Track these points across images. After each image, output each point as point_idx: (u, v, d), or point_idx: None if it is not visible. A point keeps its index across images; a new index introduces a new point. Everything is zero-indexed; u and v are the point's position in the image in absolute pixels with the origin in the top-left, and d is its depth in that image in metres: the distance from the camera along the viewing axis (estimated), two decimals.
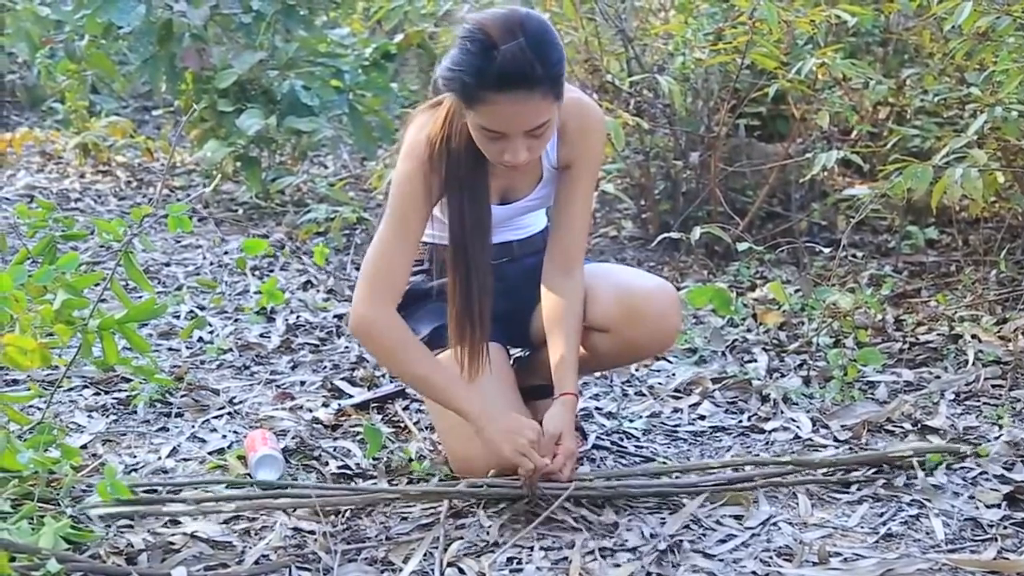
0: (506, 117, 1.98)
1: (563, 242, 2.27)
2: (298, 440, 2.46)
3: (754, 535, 2.02)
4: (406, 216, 2.16)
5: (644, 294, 2.25)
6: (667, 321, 2.26)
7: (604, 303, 2.25)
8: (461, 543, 1.97)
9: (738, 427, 2.61)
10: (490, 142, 2.04)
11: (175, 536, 1.97)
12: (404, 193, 2.16)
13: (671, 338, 2.29)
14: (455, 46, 2.00)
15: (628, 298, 2.24)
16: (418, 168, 2.14)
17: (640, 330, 2.24)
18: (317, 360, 3.08)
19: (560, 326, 2.22)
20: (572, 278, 2.25)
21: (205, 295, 3.61)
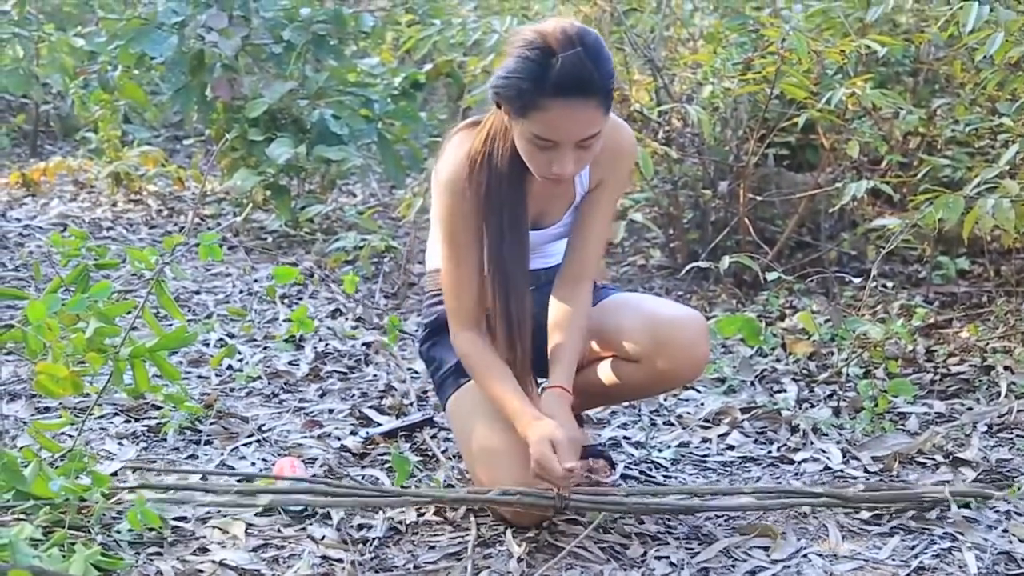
0: (561, 125, 2.00)
1: (578, 257, 2.30)
2: (326, 468, 2.47)
3: (784, 567, 2.01)
4: (459, 245, 2.20)
5: (673, 323, 2.26)
6: (697, 350, 2.26)
7: (633, 333, 2.25)
8: (489, 572, 1.97)
9: (767, 457, 2.60)
10: (539, 152, 2.05)
11: (204, 564, 1.98)
12: (453, 230, 2.20)
13: (700, 367, 2.30)
14: (510, 56, 2.04)
15: (657, 328, 2.24)
16: (459, 196, 2.17)
17: (669, 360, 2.24)
18: (345, 388, 3.09)
19: (562, 331, 2.25)
20: (580, 289, 2.29)
21: (235, 323, 3.63)
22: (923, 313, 3.29)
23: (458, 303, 2.22)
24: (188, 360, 3.25)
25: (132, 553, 1.99)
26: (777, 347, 3.37)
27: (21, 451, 2.20)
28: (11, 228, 4.69)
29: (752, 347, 3.34)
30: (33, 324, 1.93)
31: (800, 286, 3.75)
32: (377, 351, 3.41)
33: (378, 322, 3.72)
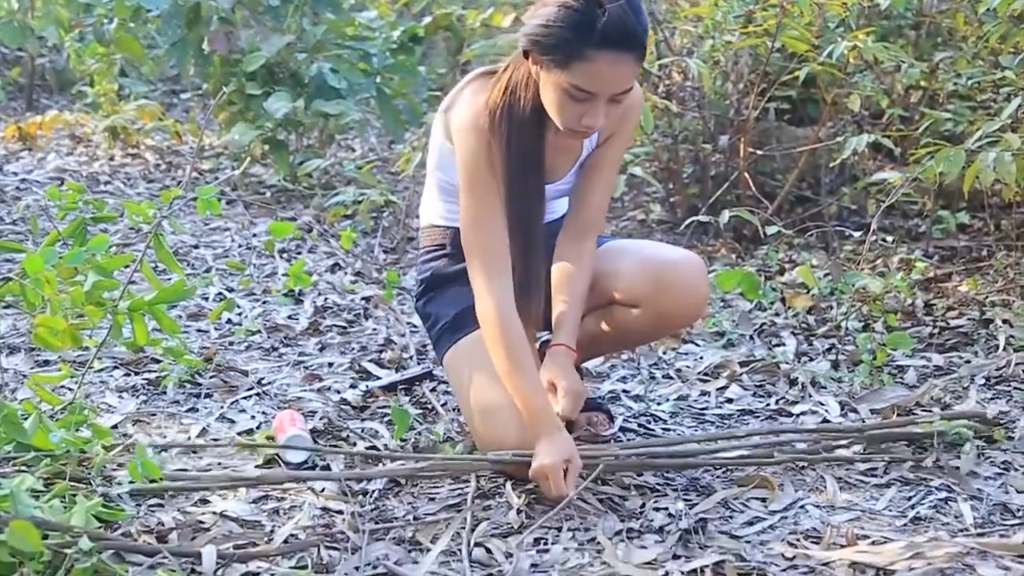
0: (604, 76, 1.99)
1: (583, 209, 2.30)
2: (326, 421, 2.48)
3: (782, 517, 2.03)
4: (483, 192, 2.16)
5: (671, 265, 2.27)
6: (696, 290, 2.27)
7: (632, 278, 2.26)
8: (488, 524, 1.99)
9: (766, 410, 2.61)
10: (573, 104, 2.04)
11: (204, 515, 1.99)
12: (476, 171, 2.16)
13: (701, 307, 2.30)
14: (548, 5, 2.02)
15: (656, 270, 2.25)
16: (483, 140, 2.15)
17: (670, 301, 2.25)
18: (345, 342, 3.10)
19: (566, 287, 2.26)
20: (585, 244, 2.29)
21: (234, 277, 3.63)
22: (923, 267, 3.29)
23: (490, 253, 2.15)
24: (187, 314, 3.26)
25: (133, 504, 2.00)
26: (776, 301, 3.37)
27: (21, 404, 2.21)
28: (8, 182, 4.68)
29: (751, 301, 3.35)
30: (31, 277, 1.93)
31: (800, 240, 3.75)
32: (376, 305, 3.42)
33: (377, 277, 3.72)
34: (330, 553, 1.85)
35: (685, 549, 1.90)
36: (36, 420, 1.99)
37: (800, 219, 3.92)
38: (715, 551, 1.89)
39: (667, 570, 1.81)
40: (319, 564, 1.81)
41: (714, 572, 1.82)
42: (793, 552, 1.88)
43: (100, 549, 1.72)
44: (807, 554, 1.87)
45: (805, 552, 1.88)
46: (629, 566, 1.82)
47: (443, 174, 2.33)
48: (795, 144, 4.07)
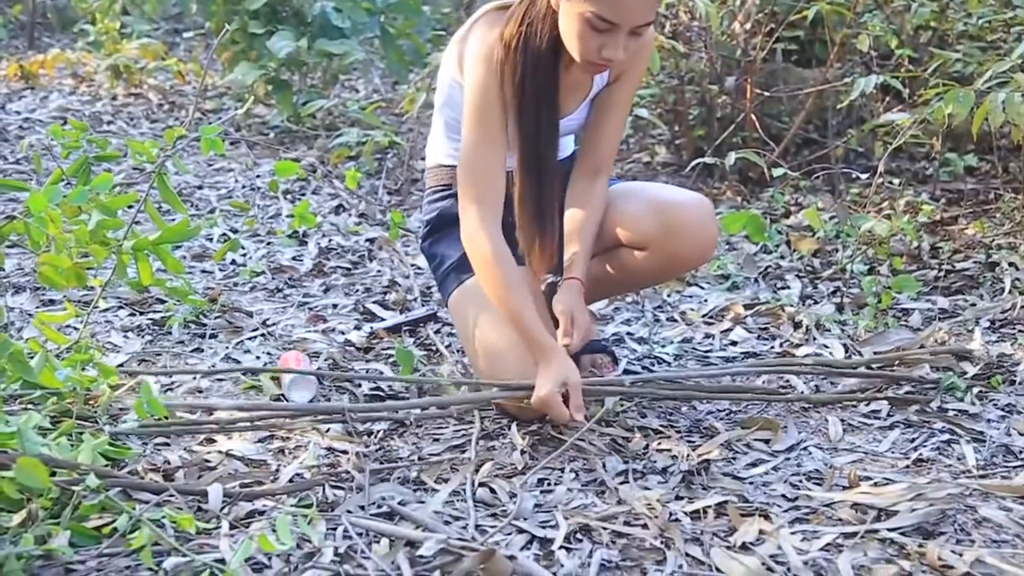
0: (626, 6, 1.98)
1: (595, 148, 2.30)
2: (331, 362, 2.49)
3: (785, 459, 2.04)
4: (489, 125, 2.15)
5: (680, 206, 2.27)
6: (705, 231, 2.27)
7: (640, 220, 2.26)
8: (492, 464, 2.00)
9: (770, 353, 2.62)
10: (594, 35, 2.02)
11: (210, 454, 2.00)
12: (484, 102, 2.14)
13: (709, 249, 2.30)
14: None
15: (664, 212, 2.25)
16: (494, 72, 2.14)
17: (679, 242, 2.26)
18: (349, 283, 3.10)
19: (578, 226, 2.27)
20: (597, 183, 2.29)
21: (238, 218, 3.63)
22: (929, 210, 3.28)
23: (486, 189, 2.15)
24: (191, 255, 3.26)
25: (139, 443, 2.01)
26: (782, 244, 3.37)
27: (27, 343, 2.21)
28: (10, 121, 4.66)
29: (757, 244, 3.34)
30: (35, 216, 1.92)
31: (806, 183, 3.73)
32: (380, 247, 3.41)
33: (381, 218, 3.71)
34: (335, 492, 1.87)
35: (688, 490, 1.91)
36: (42, 359, 2.00)
37: (806, 161, 3.89)
38: (718, 492, 1.90)
39: (670, 511, 1.82)
40: (324, 503, 1.83)
41: (717, 513, 1.83)
42: (795, 493, 1.89)
43: (107, 487, 1.73)
44: (809, 495, 1.88)
45: (807, 493, 1.89)
46: (632, 506, 1.83)
47: (451, 111, 2.31)
48: (802, 85, 4.04)
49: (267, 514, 1.78)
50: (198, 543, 1.68)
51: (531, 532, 1.75)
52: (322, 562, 1.62)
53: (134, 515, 1.67)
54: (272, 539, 1.62)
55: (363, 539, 1.70)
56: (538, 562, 1.66)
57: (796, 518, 1.81)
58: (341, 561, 1.64)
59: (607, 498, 1.88)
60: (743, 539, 1.73)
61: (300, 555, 1.65)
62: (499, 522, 1.78)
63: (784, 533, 1.74)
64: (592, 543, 1.72)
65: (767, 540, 1.73)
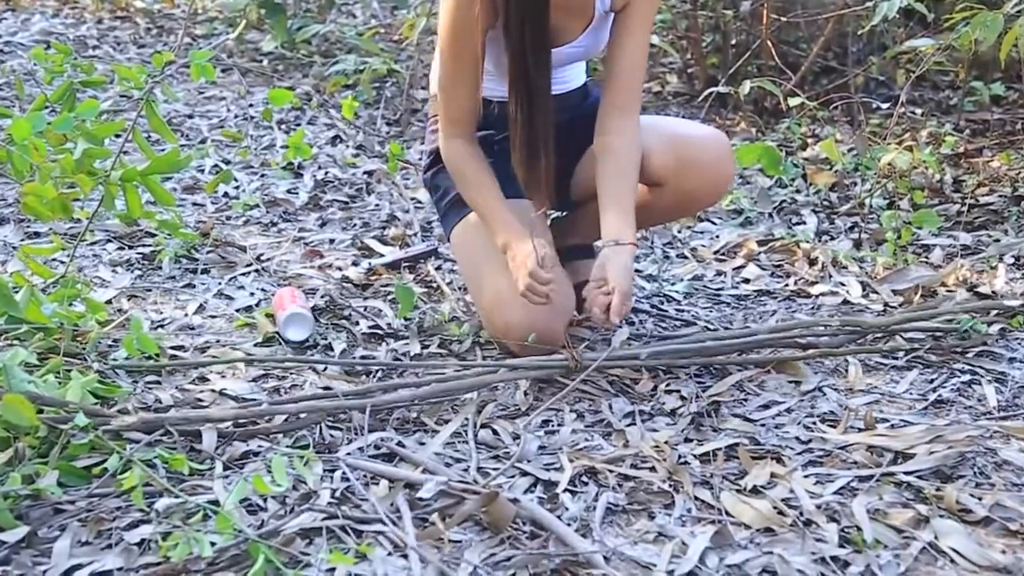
0: None
1: (619, 87, 2.24)
2: (328, 299, 2.48)
3: (798, 401, 2.04)
4: (460, 38, 2.13)
5: (697, 143, 2.26)
6: (722, 168, 2.27)
7: (656, 156, 2.24)
8: (495, 405, 2.00)
9: (784, 291, 2.61)
10: None
11: (203, 393, 2.01)
12: (459, 19, 2.12)
13: (726, 186, 2.31)
14: None
15: (682, 148, 2.24)
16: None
17: (695, 179, 2.26)
18: (347, 218, 3.08)
19: (614, 171, 2.20)
20: (627, 119, 2.22)
21: (230, 148, 3.61)
22: (953, 141, 3.25)
23: (453, 102, 2.21)
24: (182, 187, 3.24)
25: (130, 381, 2.02)
26: (798, 177, 3.35)
27: (11, 276, 2.21)
28: None
29: (771, 177, 3.32)
30: (18, 143, 1.90)
31: (824, 113, 3.70)
32: (379, 180, 3.40)
33: (380, 150, 3.69)
34: (332, 433, 1.87)
35: (698, 432, 1.91)
36: (28, 293, 2.00)
37: (825, 91, 3.86)
38: (728, 434, 1.90)
39: (679, 453, 1.83)
40: (320, 443, 1.83)
41: (727, 455, 1.83)
42: (809, 435, 1.90)
43: (96, 425, 1.73)
44: (823, 437, 1.89)
45: (821, 436, 1.89)
46: (639, 448, 1.84)
47: None
48: (821, 11, 3.99)
49: (262, 455, 1.78)
50: (191, 484, 1.68)
51: (535, 475, 1.75)
52: (319, 504, 1.63)
53: (124, 455, 1.68)
54: (267, 480, 1.62)
55: (361, 481, 1.71)
56: (542, 505, 1.66)
57: (809, 461, 1.82)
58: (339, 503, 1.64)
59: (613, 440, 1.89)
60: (754, 482, 1.73)
61: (296, 497, 1.66)
62: (502, 464, 1.79)
63: (797, 476, 1.75)
64: (598, 486, 1.73)
65: (779, 483, 1.73)
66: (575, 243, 2.47)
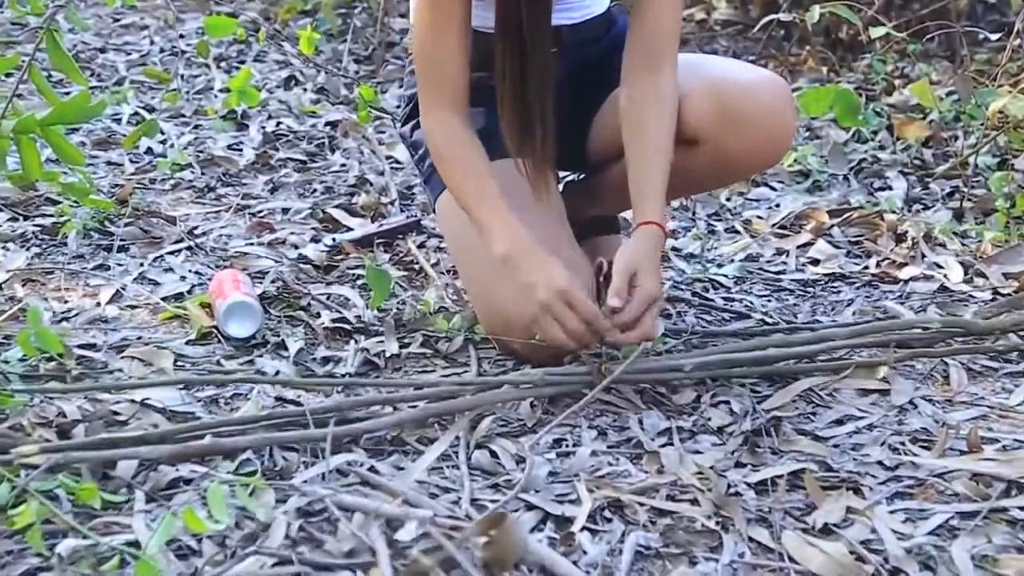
0: None
1: (650, 32, 2.22)
2: (280, 285, 2.48)
3: (883, 415, 2.03)
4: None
5: (747, 90, 2.22)
6: (779, 123, 2.23)
7: (695, 105, 2.22)
8: (494, 420, 1.99)
9: (863, 275, 2.61)
10: None
11: (120, 404, 2.00)
12: None
13: (785, 143, 2.28)
14: None
15: (727, 96, 2.21)
16: None
17: (743, 138, 2.21)
18: (304, 181, 3.09)
19: (643, 138, 2.19)
20: (661, 74, 2.21)
21: (155, 92, 3.61)
22: None
23: (433, 67, 2.18)
24: (93, 141, 3.25)
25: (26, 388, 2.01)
26: (881, 130, 3.34)
27: None
28: None
29: (847, 130, 3.32)
30: None
31: (916, 47, 3.69)
32: (346, 133, 3.40)
33: (347, 95, 3.69)
34: (285, 456, 1.87)
35: (752, 455, 1.91)
36: None
37: (917, 18, 3.86)
38: (792, 458, 1.90)
39: (729, 481, 1.82)
40: (271, 470, 1.83)
41: (790, 484, 1.83)
42: (896, 460, 1.89)
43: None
44: (915, 463, 1.88)
45: (912, 460, 1.89)
46: (678, 475, 1.83)
47: None
48: None
49: (195, 483, 1.78)
50: (104, 521, 1.68)
51: (544, 508, 1.75)
52: (269, 545, 1.62)
53: (18, 483, 1.68)
54: (202, 516, 1.62)
55: (323, 516, 1.71)
56: (554, 547, 1.66)
57: (896, 492, 1.81)
58: (294, 544, 1.64)
59: (645, 465, 1.88)
60: (825, 519, 1.72)
61: (239, 537, 1.65)
62: (502, 495, 1.78)
63: (880, 512, 1.74)
64: (625, 523, 1.72)
65: (857, 521, 1.73)
66: (596, 215, 2.47)
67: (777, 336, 2.28)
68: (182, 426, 1.89)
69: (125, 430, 1.92)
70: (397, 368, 2.19)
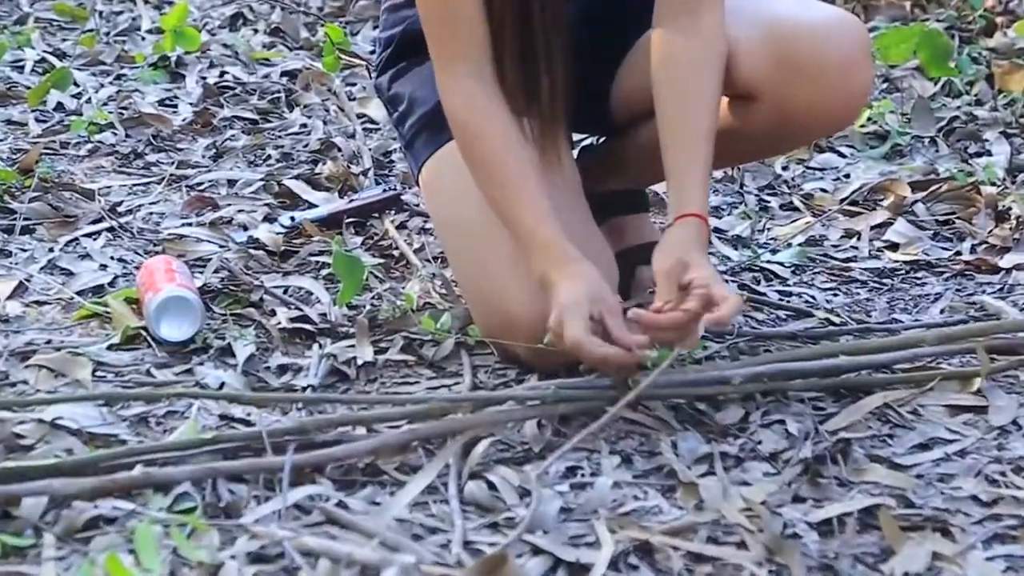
0: None
1: None
2: (226, 275, 2.49)
3: (979, 439, 2.03)
4: None
5: (812, 33, 2.23)
6: (852, 74, 2.24)
7: (747, 52, 2.22)
8: (492, 444, 2.00)
9: (954, 263, 2.61)
10: None
11: (26, 425, 2.01)
12: None
13: (859, 103, 2.30)
14: None
15: (787, 41, 2.22)
16: None
17: (807, 93, 2.21)
18: (255, 146, 3.09)
19: (681, 98, 2.20)
20: (703, 15, 2.22)
21: (67, 32, 3.61)
22: None
23: (443, 7, 2.18)
24: None
25: None
26: (979, 80, 3.35)
27: None
28: None
29: (935, 80, 3.32)
30: None
31: None
32: (307, 85, 3.40)
33: (309, 37, 3.70)
34: (232, 489, 1.87)
35: (814, 488, 1.91)
36: None
37: None
38: (863, 491, 1.90)
39: (785, 520, 1.83)
40: (215, 506, 1.83)
41: (861, 524, 1.83)
42: (994, 494, 1.89)
43: None
44: (1017, 497, 1.89)
45: (1014, 495, 1.89)
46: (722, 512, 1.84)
47: None
48: None
49: (120, 523, 1.79)
50: (5, 572, 1.69)
51: (554, 554, 1.75)
52: None
53: None
54: (128, 564, 1.63)
55: (280, 564, 1.71)
56: None
57: (995, 534, 1.81)
58: None
59: (680, 499, 1.89)
60: (905, 568, 1.73)
61: None
62: (502, 536, 1.79)
63: (975, 559, 1.74)
64: (655, 571, 1.73)
65: (946, 569, 1.73)
66: (617, 188, 2.48)
67: (845, 340, 2.29)
68: (103, 452, 1.90)
69: (31, 457, 1.93)
70: (372, 379, 2.19)
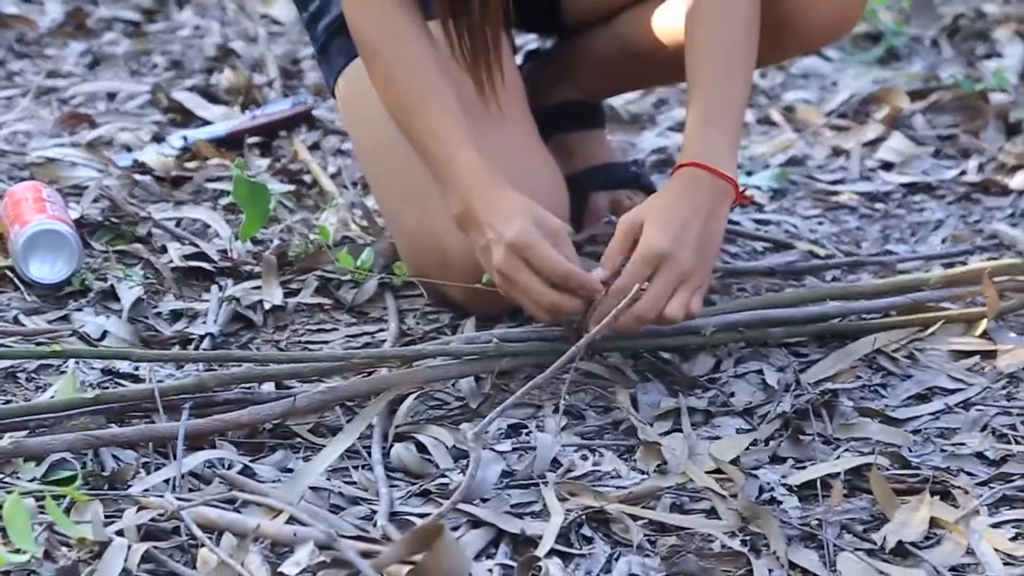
0: None
1: None
2: (106, 205, 2.48)
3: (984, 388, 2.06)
4: None
5: None
6: None
7: None
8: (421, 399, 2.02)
9: (956, 184, 2.63)
10: None
11: None
12: None
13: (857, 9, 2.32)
14: None
15: None
16: None
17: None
18: (140, 52, 3.09)
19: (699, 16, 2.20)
20: None
21: None
22: None
23: None
24: None
25: None
26: None
27: None
28: None
29: None
30: None
31: None
32: None
33: None
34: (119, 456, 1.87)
35: (794, 445, 1.93)
36: None
37: None
38: (852, 449, 1.92)
39: (762, 483, 1.84)
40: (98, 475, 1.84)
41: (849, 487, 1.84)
42: (1002, 450, 1.91)
43: None
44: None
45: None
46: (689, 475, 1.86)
47: None
48: None
49: None
50: None
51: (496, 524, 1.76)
52: None
53: None
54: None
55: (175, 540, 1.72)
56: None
57: (1003, 496, 1.83)
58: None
59: (639, 461, 1.91)
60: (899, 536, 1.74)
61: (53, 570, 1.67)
62: (434, 506, 1.80)
63: (979, 524, 1.76)
64: (612, 544, 1.74)
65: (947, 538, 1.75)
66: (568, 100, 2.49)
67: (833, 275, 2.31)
68: None
69: None
70: (282, 326, 2.20)
